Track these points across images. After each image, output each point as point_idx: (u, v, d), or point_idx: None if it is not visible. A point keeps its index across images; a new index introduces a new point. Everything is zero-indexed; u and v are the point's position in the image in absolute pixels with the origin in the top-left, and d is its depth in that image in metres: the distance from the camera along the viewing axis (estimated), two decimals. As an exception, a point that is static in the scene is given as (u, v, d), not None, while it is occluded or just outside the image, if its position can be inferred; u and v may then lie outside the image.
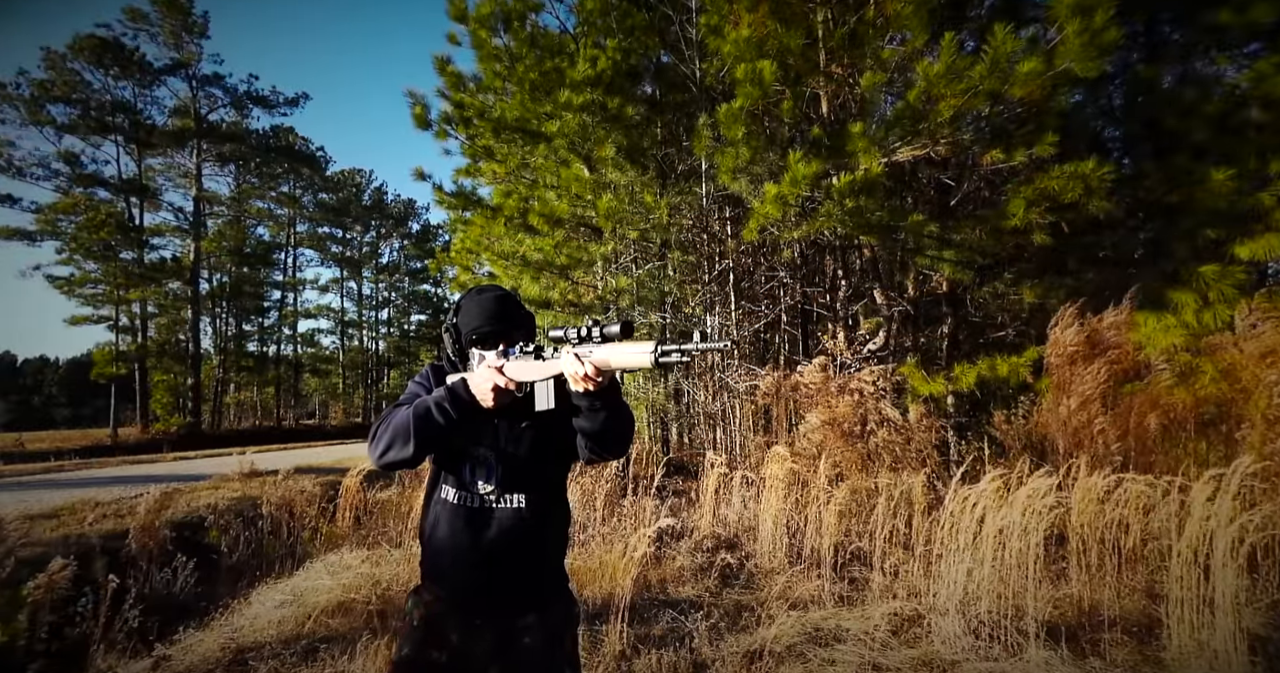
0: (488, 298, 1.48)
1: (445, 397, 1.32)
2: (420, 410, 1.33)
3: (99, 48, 20.73)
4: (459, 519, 1.41)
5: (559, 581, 1.52)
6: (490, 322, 1.45)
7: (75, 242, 20.37)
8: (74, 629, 3.01)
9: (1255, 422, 3.79)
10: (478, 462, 1.44)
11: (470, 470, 1.44)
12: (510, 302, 1.50)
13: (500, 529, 1.40)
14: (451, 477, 1.45)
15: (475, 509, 1.42)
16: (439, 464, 1.49)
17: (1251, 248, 4.45)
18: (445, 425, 1.31)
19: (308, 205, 32.15)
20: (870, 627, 2.94)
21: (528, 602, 1.43)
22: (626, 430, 1.36)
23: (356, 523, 4.83)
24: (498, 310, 1.46)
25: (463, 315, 1.48)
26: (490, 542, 1.40)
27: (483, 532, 1.40)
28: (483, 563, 1.39)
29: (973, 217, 5.32)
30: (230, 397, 31.25)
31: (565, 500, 1.57)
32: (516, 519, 1.41)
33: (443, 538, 1.43)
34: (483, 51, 7.61)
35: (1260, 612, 2.80)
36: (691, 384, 8.12)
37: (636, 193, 7.17)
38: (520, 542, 1.41)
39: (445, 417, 1.31)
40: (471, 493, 1.42)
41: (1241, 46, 5.49)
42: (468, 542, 1.40)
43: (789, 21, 5.32)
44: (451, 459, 1.46)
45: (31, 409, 46.43)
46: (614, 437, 1.35)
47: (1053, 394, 4.53)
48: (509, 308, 1.48)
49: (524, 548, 1.41)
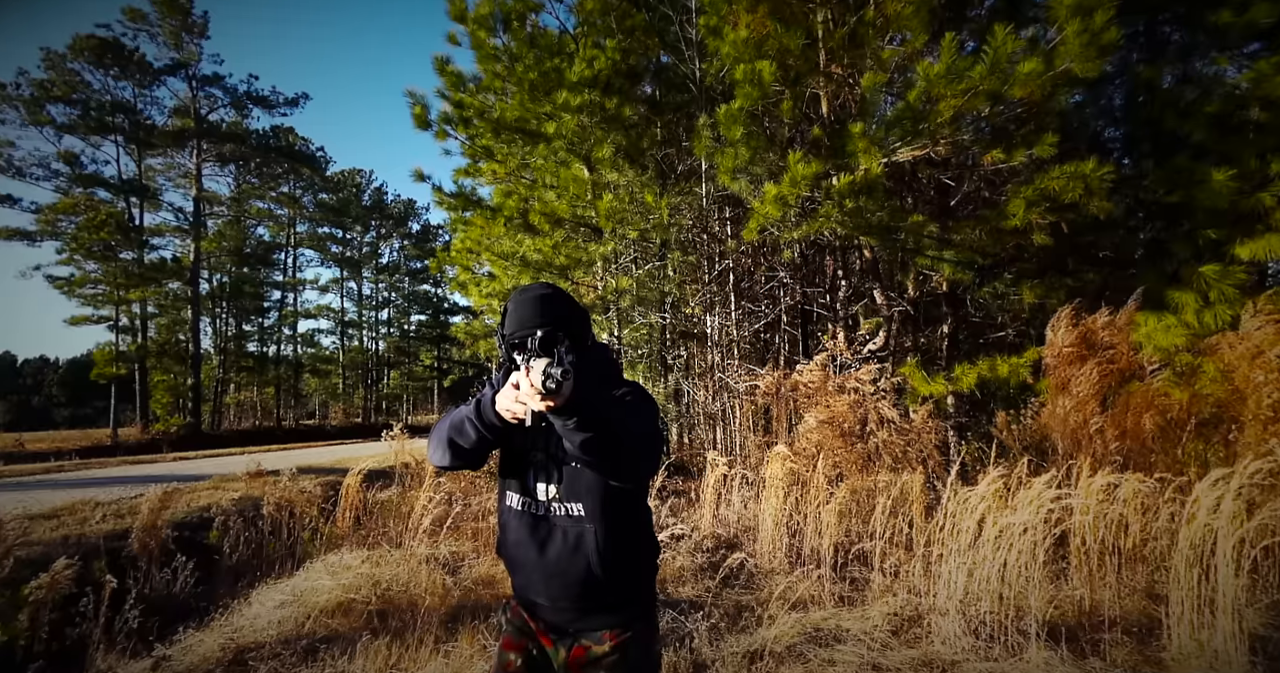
0: (525, 299, 1.36)
1: (473, 411, 1.27)
2: (456, 421, 1.30)
3: (99, 48, 20.73)
4: (523, 527, 1.37)
5: (631, 600, 1.39)
6: (524, 326, 1.32)
7: (75, 242, 20.35)
8: (74, 629, 3.01)
9: (1248, 423, 3.79)
10: (538, 467, 1.38)
11: (532, 476, 1.38)
12: (550, 302, 1.36)
13: (561, 538, 1.34)
14: (515, 481, 1.40)
15: (538, 516, 1.36)
16: (503, 468, 1.43)
17: (1252, 248, 4.45)
18: (477, 438, 1.26)
19: (308, 205, 32.14)
20: (870, 627, 2.94)
21: (596, 620, 1.35)
22: (619, 453, 1.17)
23: (356, 523, 4.82)
24: (531, 313, 1.33)
25: (506, 320, 1.37)
26: (552, 550, 1.34)
27: (545, 540, 1.35)
28: (545, 572, 1.34)
29: (973, 217, 5.33)
30: (230, 397, 31.23)
31: (637, 513, 1.44)
32: (577, 529, 1.33)
33: (511, 546, 1.40)
34: (482, 52, 7.61)
35: (1260, 612, 2.80)
36: (691, 384, 8.12)
37: (636, 193, 7.17)
38: (579, 552, 1.32)
39: (475, 430, 1.26)
40: (533, 499, 1.37)
41: (1241, 46, 5.49)
42: (531, 550, 1.35)
43: (789, 22, 5.32)
44: (513, 463, 1.40)
45: (31, 409, 46.41)
46: (608, 463, 1.18)
47: (1052, 395, 4.53)
48: (547, 309, 1.34)
49: (584, 559, 1.32)
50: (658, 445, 1.32)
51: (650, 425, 1.31)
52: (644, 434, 1.26)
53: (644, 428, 1.28)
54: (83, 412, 42.26)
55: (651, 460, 1.29)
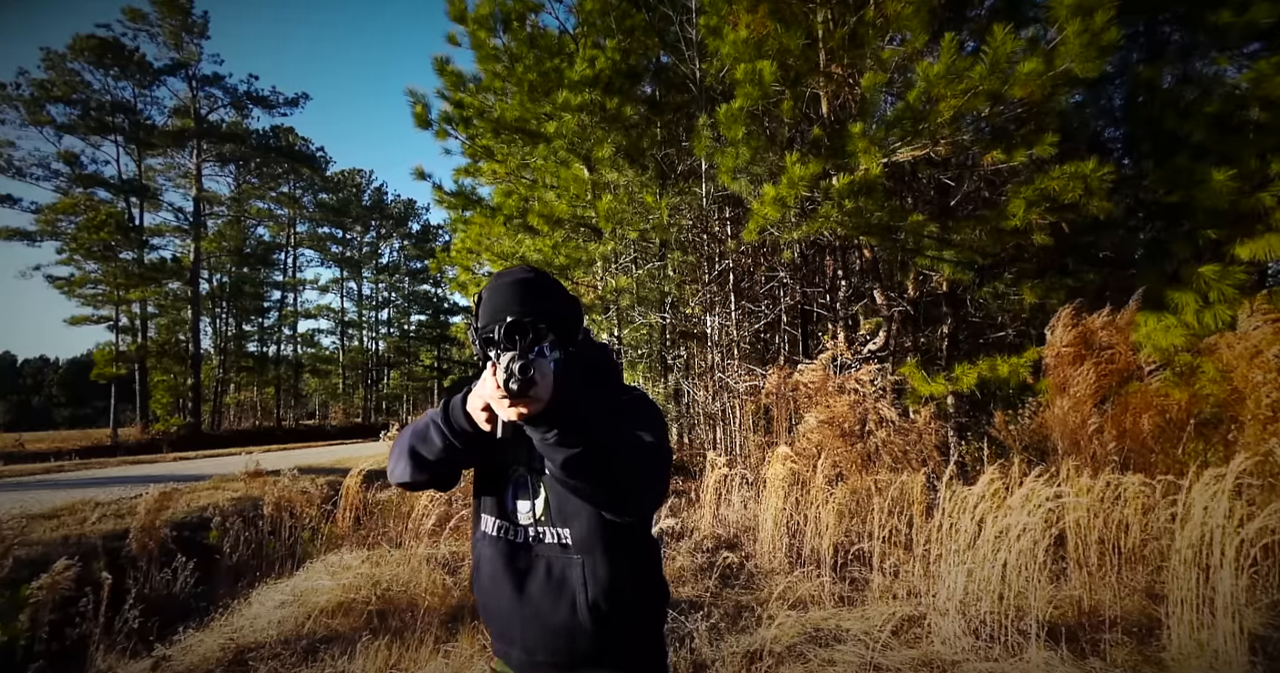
0: (501, 284, 1.11)
1: (440, 414, 1.03)
2: (420, 427, 1.07)
3: (99, 48, 20.75)
4: (498, 558, 1.12)
5: (629, 657, 1.11)
6: (497, 316, 1.04)
7: (75, 242, 20.37)
8: (74, 629, 3.02)
9: (1247, 422, 3.79)
10: (518, 484, 1.13)
11: (512, 494, 1.13)
12: (530, 288, 1.10)
13: (544, 573, 1.08)
14: (491, 500, 1.15)
15: (516, 544, 1.12)
16: (478, 485, 1.19)
17: (1252, 248, 4.45)
18: (444, 448, 1.02)
19: (308, 205, 32.17)
20: (870, 627, 2.94)
21: None
22: (614, 478, 0.92)
23: (356, 523, 4.82)
24: (507, 301, 1.07)
25: (479, 310, 1.12)
26: (533, 588, 1.08)
27: (524, 575, 1.09)
28: (521, 616, 1.09)
29: (973, 217, 5.33)
30: (230, 397, 31.25)
31: (641, 544, 1.16)
32: (562, 561, 1.08)
33: (484, 580, 1.14)
34: (482, 52, 7.62)
35: (1260, 612, 2.80)
36: (691, 384, 8.12)
37: (636, 193, 7.18)
38: (563, 592, 1.06)
39: (442, 438, 1.01)
40: (512, 522, 1.13)
41: (1241, 46, 5.49)
42: (506, 588, 1.10)
43: (789, 22, 5.33)
44: (489, 480, 1.16)
45: (31, 409, 46.43)
46: (601, 490, 0.93)
47: (1052, 395, 4.53)
48: (527, 296, 1.08)
49: (568, 601, 1.05)
50: (664, 468, 1.06)
51: (656, 443, 1.05)
52: (647, 454, 1.02)
53: (647, 446, 1.03)
54: (83, 412, 42.29)
55: (656, 489, 1.03)
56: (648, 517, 1.17)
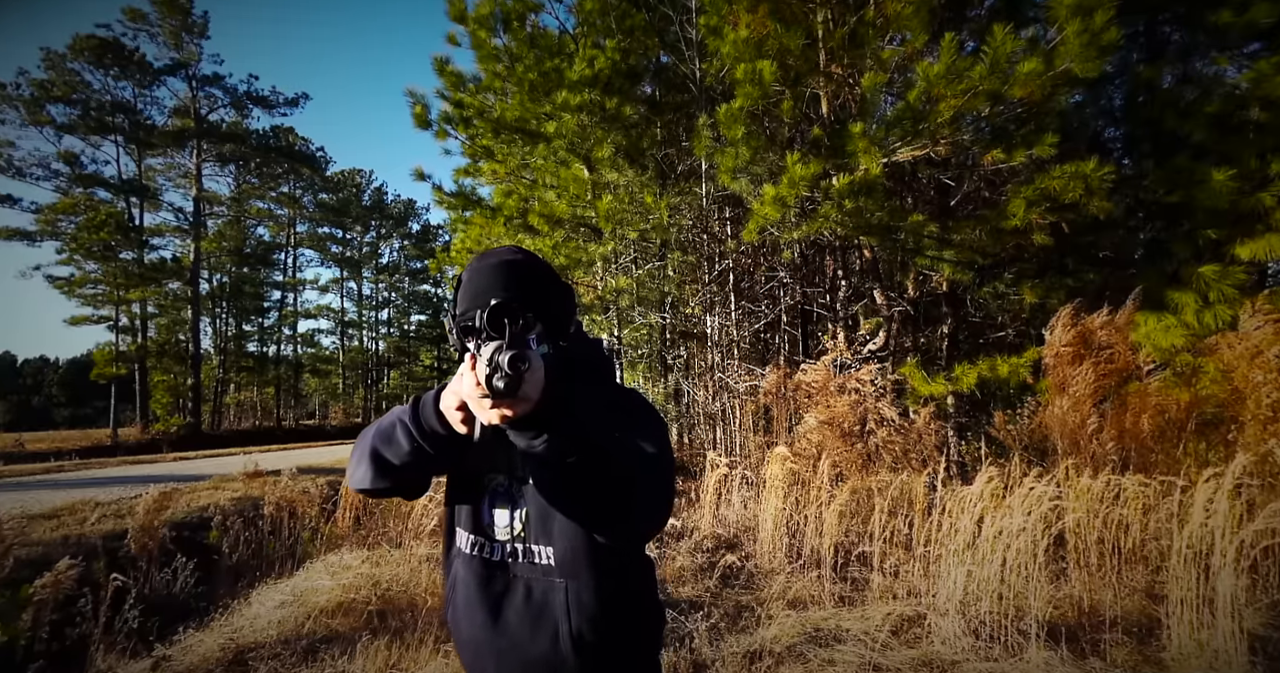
0: (484, 266, 0.97)
1: (408, 412, 0.88)
2: (385, 427, 0.91)
3: (99, 48, 20.76)
4: (472, 579, 0.98)
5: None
6: (478, 301, 0.91)
7: (75, 242, 20.40)
8: (74, 629, 3.02)
9: (1247, 422, 3.79)
10: (496, 494, 0.98)
11: (488, 504, 0.99)
12: (516, 269, 0.96)
13: (523, 597, 0.95)
14: (465, 511, 1.01)
15: (493, 564, 0.98)
16: (450, 494, 1.05)
17: (1252, 248, 4.45)
18: (411, 452, 0.87)
19: (308, 205, 32.20)
20: (870, 627, 2.94)
21: None
22: (611, 494, 0.79)
23: (356, 523, 4.83)
24: (490, 284, 0.94)
25: (458, 295, 0.98)
26: (510, 615, 0.95)
27: (500, 600, 0.96)
28: (495, 648, 0.95)
29: (973, 217, 5.33)
30: (230, 397, 31.27)
31: (631, 568, 1.02)
32: (544, 584, 0.94)
33: (458, 605, 1.00)
34: (482, 52, 7.62)
35: (1260, 612, 2.80)
36: (691, 384, 8.12)
37: (636, 193, 7.18)
38: (543, 620, 0.93)
39: (410, 440, 0.86)
40: (488, 538, 0.98)
41: (1241, 46, 5.49)
42: (479, 615, 0.96)
43: (789, 22, 5.33)
44: (462, 489, 1.02)
45: (31, 409, 46.44)
46: (596, 508, 0.81)
47: (1051, 394, 4.53)
48: (512, 278, 0.95)
49: (549, 631, 0.92)
50: (668, 487, 0.93)
51: (659, 454, 0.91)
52: (649, 468, 0.88)
53: (650, 459, 0.89)
54: (83, 412, 42.29)
55: (658, 510, 0.89)
56: (644, 541, 1.03)
